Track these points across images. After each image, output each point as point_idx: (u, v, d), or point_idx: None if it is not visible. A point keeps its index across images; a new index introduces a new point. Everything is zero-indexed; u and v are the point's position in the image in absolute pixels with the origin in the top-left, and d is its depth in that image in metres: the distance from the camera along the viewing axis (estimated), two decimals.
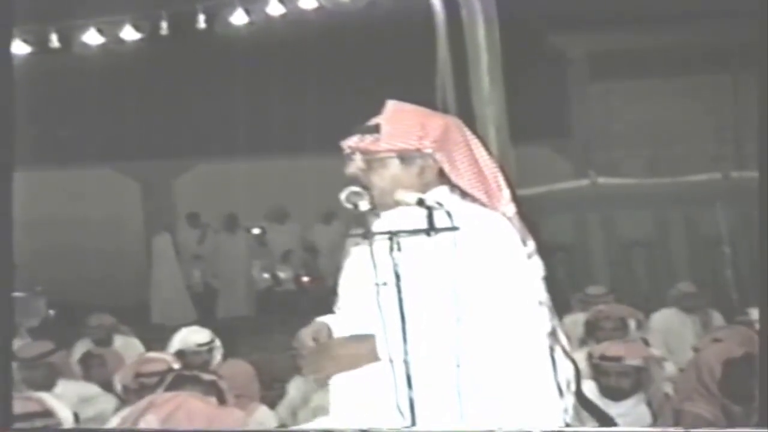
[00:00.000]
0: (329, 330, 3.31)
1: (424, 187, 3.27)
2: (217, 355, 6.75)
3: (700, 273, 10.96)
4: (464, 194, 3.30)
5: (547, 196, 11.82)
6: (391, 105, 3.34)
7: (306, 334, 3.28)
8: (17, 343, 6.90)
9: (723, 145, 15.98)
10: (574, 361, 3.37)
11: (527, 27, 12.94)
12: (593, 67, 17.16)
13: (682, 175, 12.62)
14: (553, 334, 3.27)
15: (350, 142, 3.31)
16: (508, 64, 9.06)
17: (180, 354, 6.53)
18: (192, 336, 6.83)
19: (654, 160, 16.30)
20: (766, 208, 3.45)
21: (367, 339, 3.19)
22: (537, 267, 3.31)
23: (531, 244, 3.31)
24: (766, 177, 3.50)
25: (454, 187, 3.30)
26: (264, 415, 5.95)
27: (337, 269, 3.47)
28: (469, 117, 8.59)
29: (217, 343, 6.81)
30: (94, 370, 7.26)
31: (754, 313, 7.68)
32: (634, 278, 11.74)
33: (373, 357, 3.16)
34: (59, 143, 16.98)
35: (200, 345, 6.70)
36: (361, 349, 3.19)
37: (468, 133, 3.37)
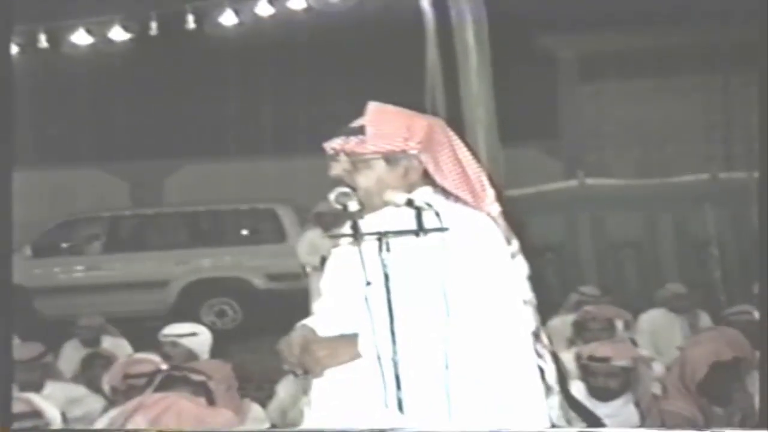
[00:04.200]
0: (314, 333, 3.32)
1: (409, 188, 3.28)
2: (204, 348, 6.71)
3: (688, 274, 10.98)
4: (447, 194, 3.31)
5: (537, 196, 11.84)
6: (373, 106, 3.35)
7: (293, 338, 3.29)
8: None
9: (712, 146, 16.02)
10: (556, 361, 3.38)
11: (517, 28, 12.94)
12: (583, 68, 17.18)
13: (671, 176, 12.65)
14: (536, 333, 3.28)
15: (334, 144, 3.31)
16: (497, 65, 9.05)
17: (160, 345, 6.56)
18: (174, 329, 6.85)
19: (643, 161, 16.33)
20: (766, 208, 3.46)
21: (350, 338, 3.20)
22: (521, 266, 3.32)
23: (515, 244, 3.33)
24: (766, 177, 3.51)
25: (437, 187, 3.31)
26: (258, 412, 5.94)
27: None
28: (458, 118, 8.59)
29: (202, 337, 6.77)
30: (97, 371, 7.16)
31: (737, 309, 7.75)
32: (623, 279, 11.76)
33: (355, 355, 3.18)
34: (48, 143, 16.95)
35: (180, 336, 6.68)
36: (343, 348, 3.20)
37: (451, 133, 3.38)
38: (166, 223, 14.21)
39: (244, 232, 13.90)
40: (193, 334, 6.77)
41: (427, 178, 3.31)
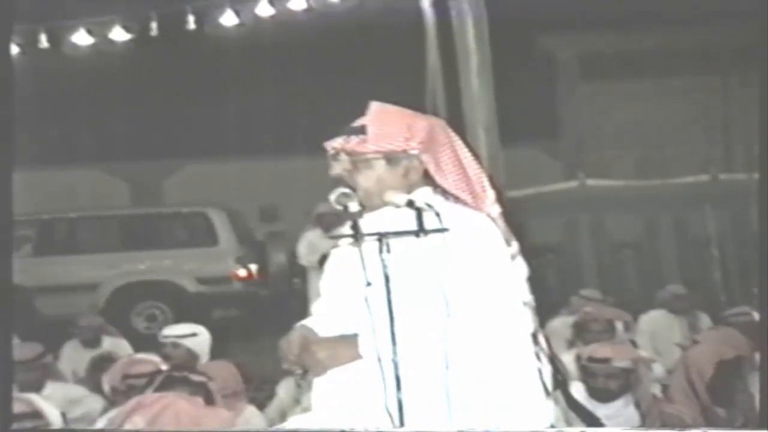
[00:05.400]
0: (313, 332, 3.31)
1: (409, 188, 3.27)
2: (203, 349, 6.71)
3: (688, 275, 10.98)
4: (447, 195, 3.31)
5: (537, 197, 11.85)
6: (375, 106, 3.35)
7: (293, 337, 3.29)
8: None
9: (712, 147, 16.03)
10: (553, 363, 3.38)
11: (517, 28, 12.95)
12: (583, 69, 17.20)
13: (671, 177, 12.66)
14: (533, 335, 3.28)
15: (335, 143, 3.31)
16: (497, 66, 9.07)
17: (160, 345, 6.55)
18: (175, 330, 6.85)
19: (643, 162, 16.34)
20: (766, 208, 3.45)
21: (350, 339, 3.20)
22: (521, 268, 3.32)
23: (515, 245, 3.33)
24: (766, 178, 3.50)
25: (437, 188, 3.31)
26: (252, 414, 5.94)
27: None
28: (458, 118, 8.60)
29: (202, 338, 6.77)
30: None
31: (737, 310, 7.76)
32: (623, 280, 11.77)
33: (356, 356, 3.18)
34: (48, 144, 16.95)
35: (181, 336, 6.68)
36: (344, 349, 3.20)
37: (452, 134, 3.38)
38: (97, 227, 14.16)
39: (176, 235, 13.88)
40: (194, 335, 6.77)
41: (427, 179, 3.31)
